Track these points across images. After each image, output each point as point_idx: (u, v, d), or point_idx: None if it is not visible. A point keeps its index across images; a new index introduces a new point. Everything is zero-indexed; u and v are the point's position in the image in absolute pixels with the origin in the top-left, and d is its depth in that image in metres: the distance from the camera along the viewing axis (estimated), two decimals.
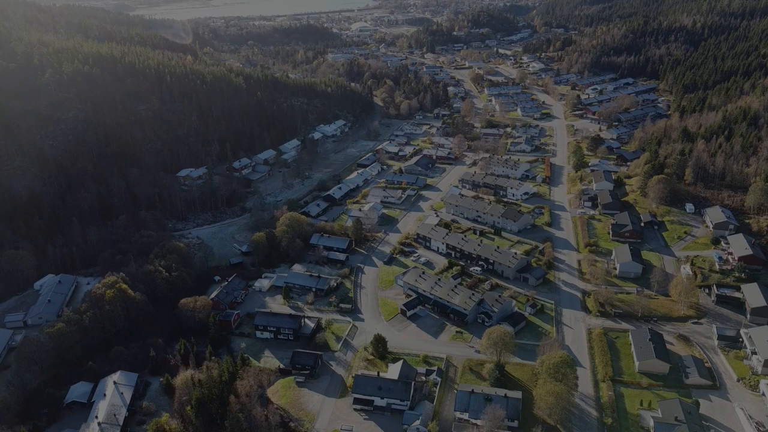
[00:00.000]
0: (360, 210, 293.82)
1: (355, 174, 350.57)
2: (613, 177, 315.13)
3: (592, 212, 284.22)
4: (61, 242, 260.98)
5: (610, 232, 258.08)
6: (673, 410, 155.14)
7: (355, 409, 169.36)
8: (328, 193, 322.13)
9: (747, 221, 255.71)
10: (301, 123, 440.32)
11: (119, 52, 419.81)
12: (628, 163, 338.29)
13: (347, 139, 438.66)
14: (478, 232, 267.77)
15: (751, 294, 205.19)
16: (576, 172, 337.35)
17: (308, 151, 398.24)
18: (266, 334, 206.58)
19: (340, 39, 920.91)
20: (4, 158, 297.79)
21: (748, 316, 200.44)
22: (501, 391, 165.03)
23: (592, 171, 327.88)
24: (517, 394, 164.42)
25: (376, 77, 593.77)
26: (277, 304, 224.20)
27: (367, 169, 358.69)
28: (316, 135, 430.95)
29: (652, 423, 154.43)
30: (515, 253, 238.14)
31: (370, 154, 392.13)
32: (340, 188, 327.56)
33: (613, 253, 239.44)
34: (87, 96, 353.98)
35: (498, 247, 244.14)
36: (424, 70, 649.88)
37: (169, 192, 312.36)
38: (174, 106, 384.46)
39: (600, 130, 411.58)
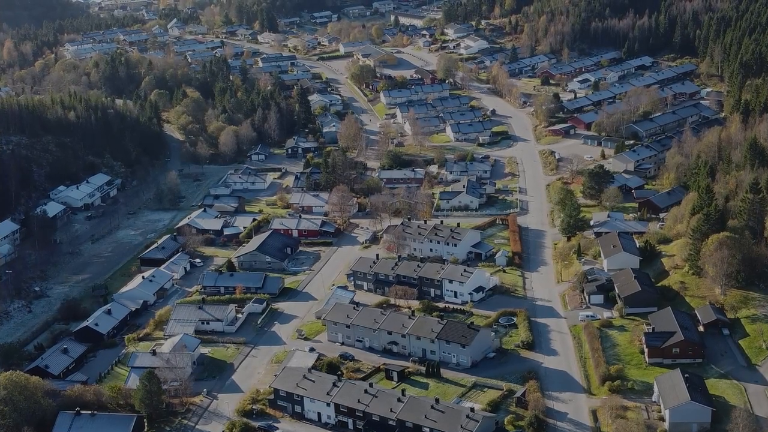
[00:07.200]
0: (154, 352, 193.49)
1: (138, 280, 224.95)
2: (638, 243, 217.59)
3: (606, 314, 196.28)
4: None
5: (645, 349, 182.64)
6: None
7: None
8: (86, 324, 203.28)
9: None
10: (19, 186, 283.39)
11: None
12: (662, 215, 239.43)
13: (117, 212, 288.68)
14: (395, 375, 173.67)
15: None
16: (568, 239, 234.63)
17: (38, 242, 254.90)
18: None
19: (88, 15, 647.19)
20: None
21: None
22: None
23: (599, 236, 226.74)
24: None
25: (167, 85, 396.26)
26: None
27: (162, 267, 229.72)
28: (53, 208, 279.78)
29: None
30: (471, 411, 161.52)
31: (166, 237, 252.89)
32: (109, 312, 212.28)
33: (655, 388, 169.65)
34: None
35: (437, 400, 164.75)
36: (261, 65, 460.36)
37: None
38: None
39: (603, 156, 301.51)
